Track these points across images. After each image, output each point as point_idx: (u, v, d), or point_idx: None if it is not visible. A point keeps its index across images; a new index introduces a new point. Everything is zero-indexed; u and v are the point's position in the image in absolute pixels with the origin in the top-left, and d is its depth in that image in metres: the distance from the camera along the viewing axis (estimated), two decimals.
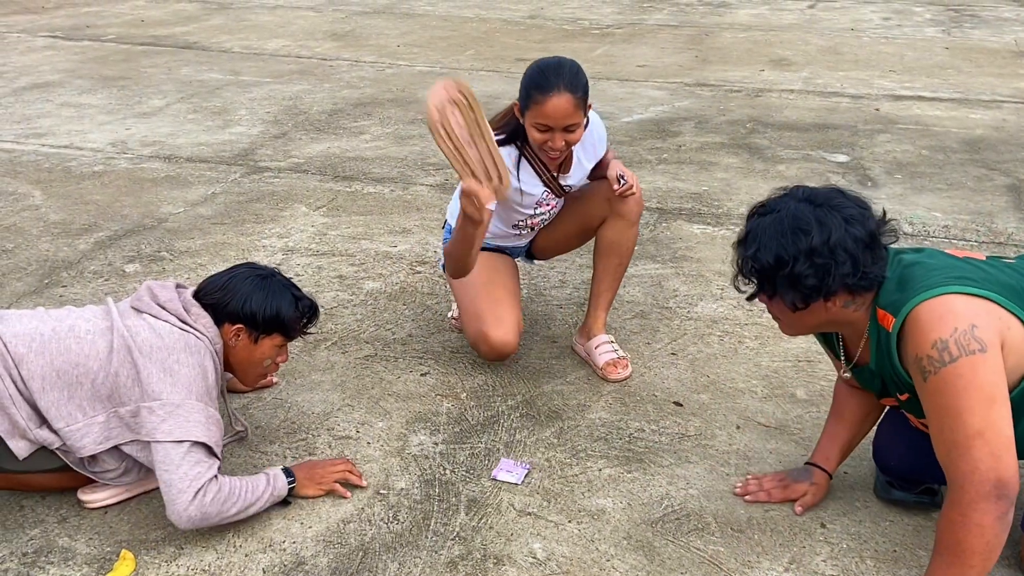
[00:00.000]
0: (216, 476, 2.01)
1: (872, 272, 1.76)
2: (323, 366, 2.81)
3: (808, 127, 5.22)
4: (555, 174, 2.64)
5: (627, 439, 2.46)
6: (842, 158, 4.70)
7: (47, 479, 2.13)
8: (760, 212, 1.82)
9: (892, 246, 1.84)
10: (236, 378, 2.30)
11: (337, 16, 8.61)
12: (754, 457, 2.38)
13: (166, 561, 2.02)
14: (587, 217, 2.74)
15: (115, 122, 5.29)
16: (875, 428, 2.25)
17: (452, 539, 2.09)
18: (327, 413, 2.57)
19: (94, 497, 2.16)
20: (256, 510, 2.09)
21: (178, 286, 2.20)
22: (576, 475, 2.31)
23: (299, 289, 2.24)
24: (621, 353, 2.78)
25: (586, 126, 2.53)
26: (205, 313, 2.13)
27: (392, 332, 3.00)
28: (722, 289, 3.30)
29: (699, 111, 5.56)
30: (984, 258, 1.88)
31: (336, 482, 2.20)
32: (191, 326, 2.10)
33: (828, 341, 2.04)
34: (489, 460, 2.37)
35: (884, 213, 1.82)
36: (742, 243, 1.82)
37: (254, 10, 8.89)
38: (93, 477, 2.11)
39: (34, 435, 2.00)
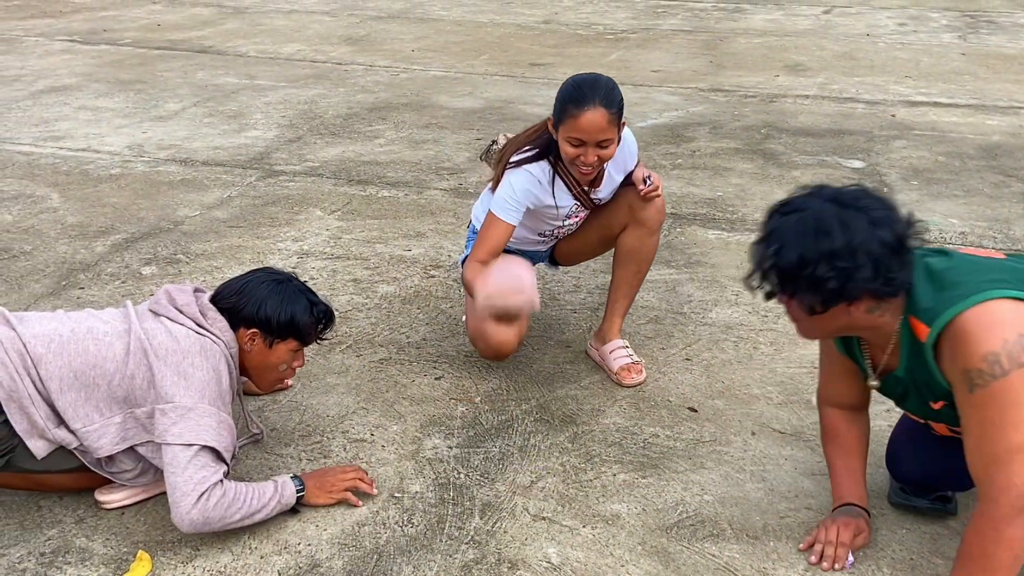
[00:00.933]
0: (222, 481, 2.01)
1: (898, 277, 1.70)
2: (338, 369, 2.81)
3: (823, 133, 5.21)
4: (586, 188, 2.64)
5: (642, 444, 2.45)
6: (858, 164, 4.68)
7: (65, 479, 2.14)
8: (783, 210, 1.75)
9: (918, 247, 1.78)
10: (252, 382, 2.31)
11: (352, 21, 8.65)
12: (769, 463, 2.37)
13: (182, 562, 2.03)
14: (609, 224, 2.74)
15: (132, 125, 5.33)
16: (889, 436, 2.24)
17: (466, 543, 2.09)
18: (342, 416, 2.58)
19: (111, 498, 2.17)
20: (262, 517, 2.08)
21: (196, 290, 2.21)
22: (591, 480, 2.31)
23: (315, 294, 2.24)
24: (636, 358, 2.78)
25: (618, 142, 2.52)
26: (221, 317, 2.15)
27: (406, 336, 3.01)
28: (737, 295, 3.29)
29: (714, 116, 5.55)
30: (1004, 257, 1.84)
31: (347, 490, 2.20)
32: (207, 330, 2.11)
33: (848, 348, 1.99)
34: (503, 464, 2.37)
35: (911, 215, 1.76)
36: (763, 241, 1.76)
37: (269, 15, 8.94)
38: (110, 477, 2.12)
39: (52, 435, 2.02)
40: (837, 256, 1.66)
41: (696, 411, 2.60)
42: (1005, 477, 1.64)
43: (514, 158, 2.57)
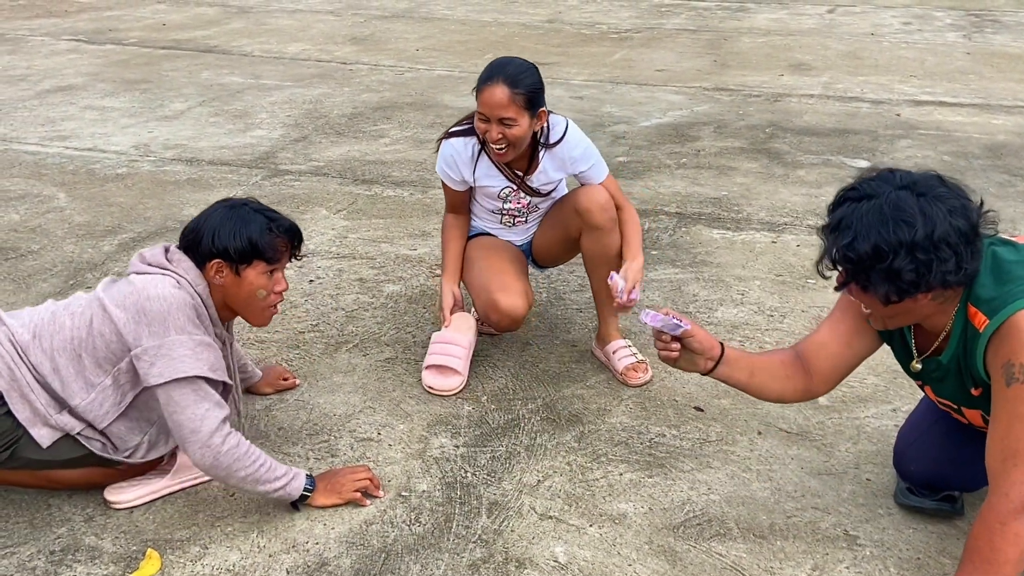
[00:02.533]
0: (232, 431, 2.04)
1: (969, 267, 1.65)
2: (344, 368, 2.82)
3: (828, 132, 5.20)
4: (519, 173, 2.71)
5: (648, 444, 2.46)
6: (863, 163, 4.68)
7: (73, 476, 2.15)
8: (854, 197, 1.68)
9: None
10: (245, 320, 2.23)
11: (356, 20, 8.65)
12: (776, 463, 2.37)
13: (191, 561, 2.04)
14: (564, 227, 2.77)
15: (138, 125, 5.34)
16: (896, 434, 2.25)
17: (474, 542, 2.10)
18: (349, 415, 2.58)
19: (121, 498, 2.18)
20: (262, 491, 2.08)
21: (167, 247, 2.17)
22: (597, 479, 2.32)
23: (274, 212, 2.17)
24: (640, 357, 2.79)
25: (548, 137, 2.62)
26: (185, 257, 2.12)
27: (412, 335, 3.02)
28: (742, 294, 3.30)
29: (718, 116, 5.55)
30: None
31: (356, 491, 2.20)
32: (172, 271, 2.09)
33: (897, 332, 1.93)
34: (510, 463, 2.38)
35: (982, 202, 1.71)
36: (834, 230, 1.68)
37: (274, 14, 8.95)
38: (122, 460, 2.12)
39: (55, 421, 2.04)
40: (917, 247, 1.61)
41: (702, 411, 2.61)
42: (1021, 473, 1.64)
43: (450, 130, 2.73)
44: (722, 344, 2.01)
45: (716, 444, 2.45)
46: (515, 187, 2.73)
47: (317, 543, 2.09)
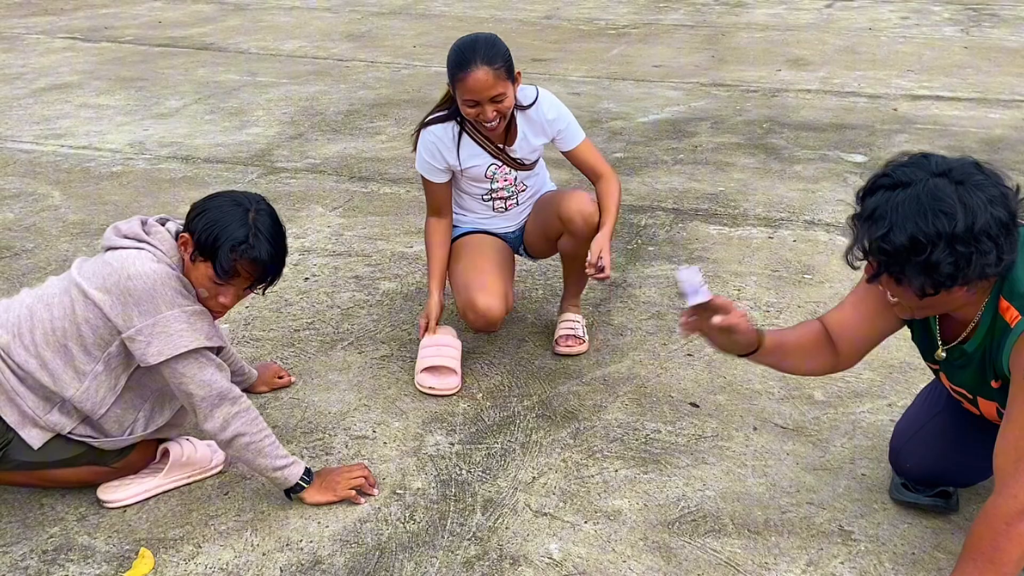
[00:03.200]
0: (243, 395, 2.06)
1: (1006, 258, 1.58)
2: (340, 366, 2.82)
3: (825, 127, 5.20)
4: (501, 146, 2.71)
5: (643, 440, 2.45)
6: (859, 158, 4.68)
7: (66, 474, 2.14)
8: (888, 185, 1.61)
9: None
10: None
11: (353, 17, 8.64)
12: (771, 458, 2.37)
13: (184, 559, 2.03)
14: (547, 229, 2.82)
15: (133, 123, 5.33)
16: (893, 431, 2.24)
17: (468, 539, 2.09)
18: (344, 413, 2.58)
19: (113, 497, 2.18)
20: (261, 465, 2.09)
21: (143, 220, 2.14)
22: (592, 476, 2.31)
23: (266, 234, 2.03)
24: (580, 334, 2.88)
25: (519, 101, 2.63)
26: (162, 228, 2.09)
27: (408, 332, 3.01)
28: (739, 290, 3.29)
29: (715, 111, 5.54)
30: None
31: (351, 489, 2.19)
32: (148, 243, 2.06)
33: (917, 321, 1.88)
34: (505, 460, 2.37)
35: (1019, 189, 1.63)
36: (868, 220, 1.61)
37: (271, 11, 8.93)
38: (123, 442, 2.11)
39: (44, 421, 2.02)
40: (958, 240, 1.53)
41: (698, 406, 2.60)
42: None
43: (426, 119, 2.73)
44: (760, 333, 1.95)
45: (711, 440, 2.45)
46: (500, 163, 2.74)
47: (311, 541, 2.09)
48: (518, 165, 2.77)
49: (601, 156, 2.79)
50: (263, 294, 2.17)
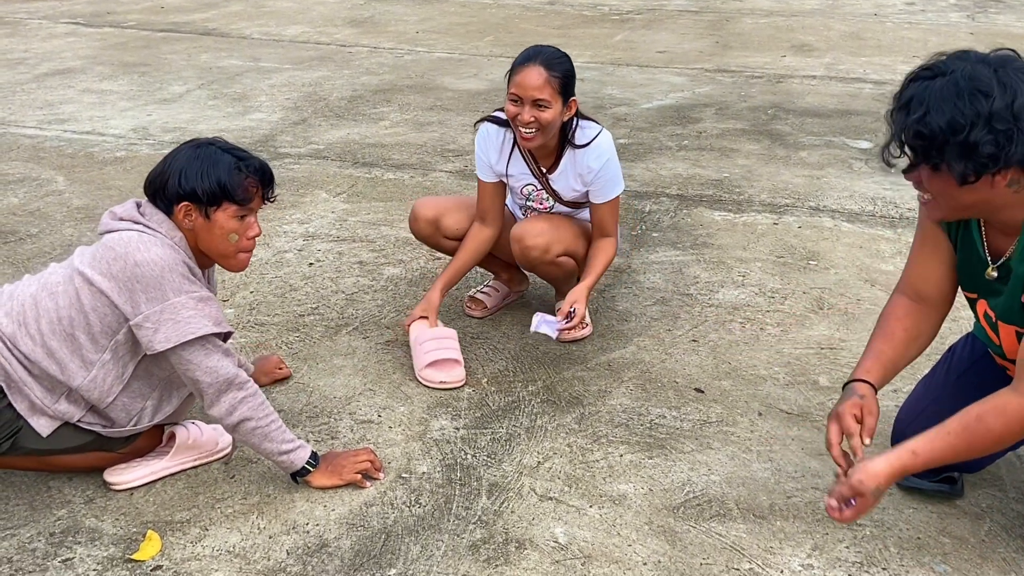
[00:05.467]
0: (250, 380, 2.06)
1: None
2: (344, 351, 2.82)
3: (830, 113, 5.18)
4: (544, 169, 2.71)
5: (648, 425, 2.46)
6: (865, 144, 4.66)
7: (74, 460, 2.14)
8: (926, 76, 1.60)
9: None
10: (221, 265, 2.15)
11: (356, 2, 8.60)
12: (776, 443, 2.37)
13: (191, 542, 2.04)
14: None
15: (136, 108, 5.32)
16: (896, 415, 2.24)
17: (474, 523, 2.10)
18: (349, 397, 2.58)
19: (120, 479, 2.18)
20: (267, 449, 2.09)
21: (138, 202, 2.11)
22: (597, 460, 2.32)
23: (243, 151, 2.09)
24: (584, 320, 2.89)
25: (575, 136, 2.61)
26: (156, 209, 2.06)
27: None
28: (743, 276, 3.29)
29: (720, 97, 5.52)
30: None
31: (358, 472, 2.20)
32: (144, 225, 2.03)
33: (962, 235, 1.84)
34: (510, 445, 2.37)
35: None
36: (903, 108, 1.60)
37: None
38: (133, 431, 2.12)
39: (53, 411, 2.02)
40: (995, 118, 1.53)
41: (703, 392, 2.60)
42: None
43: (489, 115, 2.77)
44: (872, 386, 1.94)
45: (716, 425, 2.45)
46: (538, 186, 2.74)
47: (317, 524, 2.09)
48: (555, 195, 2.75)
49: (616, 219, 2.75)
50: (272, 200, 2.17)
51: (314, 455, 2.17)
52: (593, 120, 2.69)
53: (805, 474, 2.26)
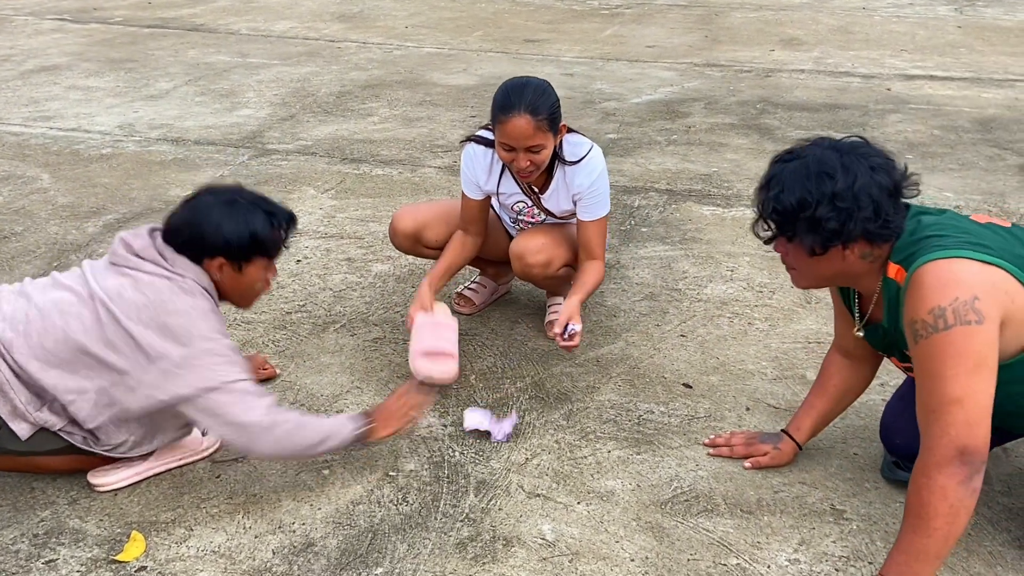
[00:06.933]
0: (277, 407, 2.03)
1: (893, 221, 1.75)
2: (332, 348, 2.81)
3: (819, 107, 5.18)
4: (535, 189, 2.69)
5: (636, 421, 2.45)
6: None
7: (56, 462, 2.12)
8: (784, 158, 1.81)
9: (914, 204, 1.82)
10: (232, 304, 2.20)
11: None
12: None
13: (176, 542, 2.03)
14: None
15: (123, 105, 5.29)
16: (883, 409, 2.24)
17: (461, 520, 2.09)
18: (336, 395, 2.57)
19: (104, 480, 2.17)
20: (325, 449, 2.08)
21: (152, 230, 2.10)
22: (585, 457, 2.31)
23: (269, 202, 2.11)
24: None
25: (564, 153, 2.58)
26: (180, 256, 2.04)
27: (401, 315, 3.00)
28: (732, 271, 3.28)
29: (709, 92, 5.52)
30: (1010, 225, 1.85)
31: (410, 413, 2.21)
32: (171, 271, 2.02)
33: (846, 298, 2.02)
34: (498, 442, 2.36)
35: (906, 167, 1.81)
36: (764, 187, 1.81)
37: None
38: (105, 454, 2.10)
39: (34, 417, 1.99)
40: (839, 197, 1.71)
41: (691, 387, 2.60)
42: (940, 427, 1.67)
43: (475, 133, 2.71)
44: (794, 439, 2.24)
45: (704, 420, 2.45)
46: (529, 203, 2.73)
47: (303, 524, 2.08)
48: (547, 212, 2.74)
49: (604, 242, 2.70)
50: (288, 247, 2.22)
51: (362, 417, 2.14)
52: (582, 134, 2.66)
53: (792, 469, 2.26)
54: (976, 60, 6.17)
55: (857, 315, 1.98)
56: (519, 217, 2.80)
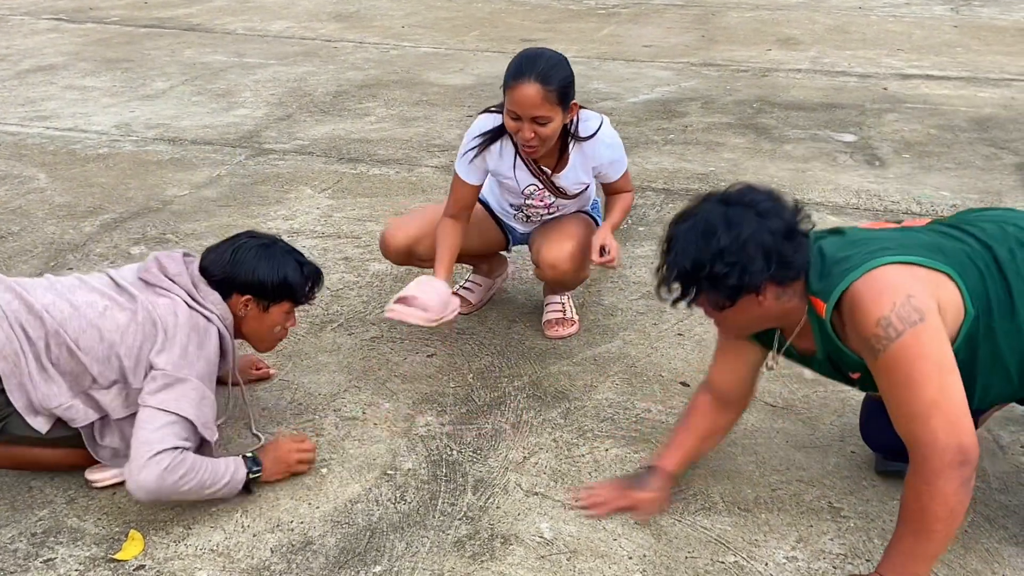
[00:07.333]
0: (180, 449, 1.98)
1: (794, 261, 1.75)
2: (329, 347, 2.81)
3: (815, 107, 5.19)
4: (547, 171, 2.66)
5: (634, 419, 2.46)
6: (850, 138, 4.67)
7: (56, 456, 2.13)
8: (678, 220, 1.83)
9: (812, 231, 1.83)
10: (251, 345, 2.32)
11: None
12: (761, 436, 2.38)
13: (174, 541, 2.03)
14: (532, 255, 2.82)
15: (119, 104, 5.28)
16: (860, 406, 2.25)
17: (459, 519, 2.10)
18: (334, 394, 2.57)
19: (101, 476, 2.17)
20: (211, 494, 2.04)
21: (185, 255, 2.22)
22: (583, 455, 2.31)
23: (302, 255, 2.27)
24: (569, 314, 2.88)
25: (578, 130, 2.56)
26: (212, 291, 2.15)
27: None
28: None
29: (706, 91, 5.53)
30: (895, 226, 1.90)
31: (299, 462, 2.21)
32: (200, 303, 2.11)
33: (769, 338, 2.00)
34: (496, 440, 2.37)
35: (796, 203, 1.82)
36: (665, 252, 1.82)
37: None
38: (94, 454, 2.11)
39: (47, 412, 2.02)
40: (727, 252, 1.72)
41: (688, 386, 2.60)
42: (928, 434, 1.68)
43: (488, 108, 2.67)
44: (660, 471, 2.12)
45: None
46: (539, 185, 2.68)
47: (302, 522, 2.09)
48: (559, 193, 2.72)
49: (629, 179, 2.75)
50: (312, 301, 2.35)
51: (252, 459, 2.14)
52: (590, 109, 2.65)
53: (790, 467, 2.26)
54: (972, 60, 6.18)
55: (776, 345, 1.97)
56: (527, 202, 2.75)
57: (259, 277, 2.16)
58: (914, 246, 1.78)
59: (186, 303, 2.10)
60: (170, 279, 2.12)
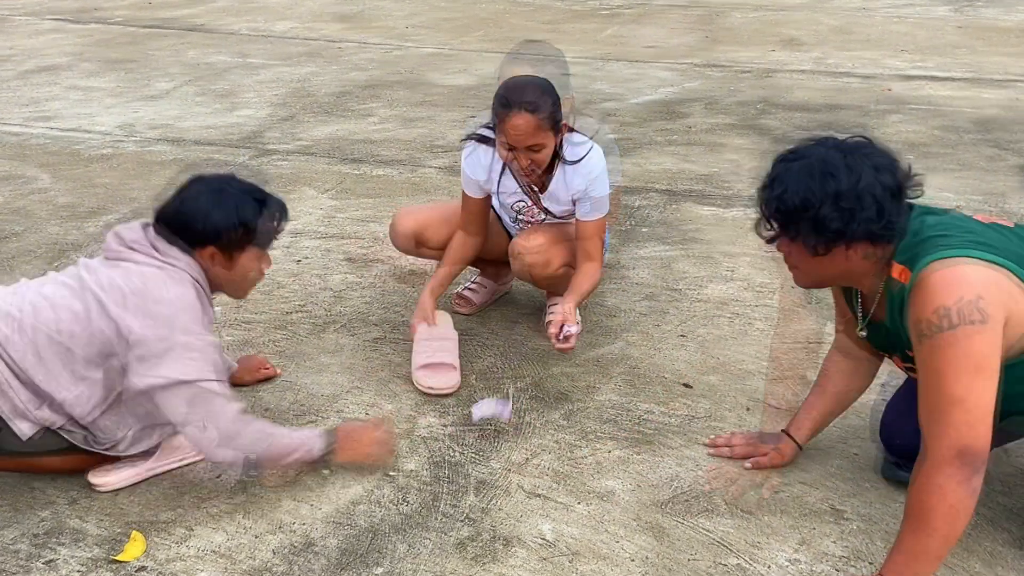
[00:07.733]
0: (243, 415, 2.02)
1: (896, 222, 1.74)
2: (331, 348, 2.81)
3: (819, 107, 5.18)
4: (535, 189, 2.69)
5: (636, 421, 2.45)
6: None
7: (56, 461, 2.13)
8: (787, 158, 1.79)
9: (918, 204, 1.81)
10: (227, 295, 2.20)
11: None
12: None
13: (176, 542, 2.03)
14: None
15: (122, 105, 5.29)
16: (884, 408, 2.24)
17: (461, 520, 2.09)
18: (336, 395, 2.57)
19: (105, 480, 2.16)
20: (286, 462, 2.10)
21: (145, 224, 2.10)
22: (585, 457, 2.31)
23: (260, 189, 2.09)
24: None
25: (570, 155, 2.57)
26: (171, 247, 2.04)
27: (400, 314, 3.00)
28: (731, 271, 3.28)
29: (708, 92, 5.52)
30: (1013, 225, 1.85)
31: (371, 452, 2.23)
32: (164, 261, 2.02)
33: (848, 298, 2.01)
34: (497, 442, 2.37)
35: (910, 167, 1.79)
36: (767, 187, 1.79)
37: None
38: (105, 453, 2.10)
39: (35, 416, 2.00)
40: (842, 197, 1.70)
41: (690, 387, 2.60)
42: (942, 427, 1.67)
43: (476, 131, 2.69)
44: (794, 439, 2.23)
45: (704, 420, 2.45)
46: (528, 203, 2.73)
47: (303, 523, 2.08)
48: (546, 211, 2.73)
49: (601, 244, 2.70)
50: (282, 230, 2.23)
51: (329, 434, 2.17)
52: (583, 133, 2.64)
53: (792, 469, 2.26)
54: (975, 60, 6.17)
55: (860, 314, 1.97)
56: (519, 216, 2.79)
57: (216, 227, 2.00)
58: (1015, 254, 1.74)
59: (149, 265, 2.01)
60: (129, 248, 2.04)
